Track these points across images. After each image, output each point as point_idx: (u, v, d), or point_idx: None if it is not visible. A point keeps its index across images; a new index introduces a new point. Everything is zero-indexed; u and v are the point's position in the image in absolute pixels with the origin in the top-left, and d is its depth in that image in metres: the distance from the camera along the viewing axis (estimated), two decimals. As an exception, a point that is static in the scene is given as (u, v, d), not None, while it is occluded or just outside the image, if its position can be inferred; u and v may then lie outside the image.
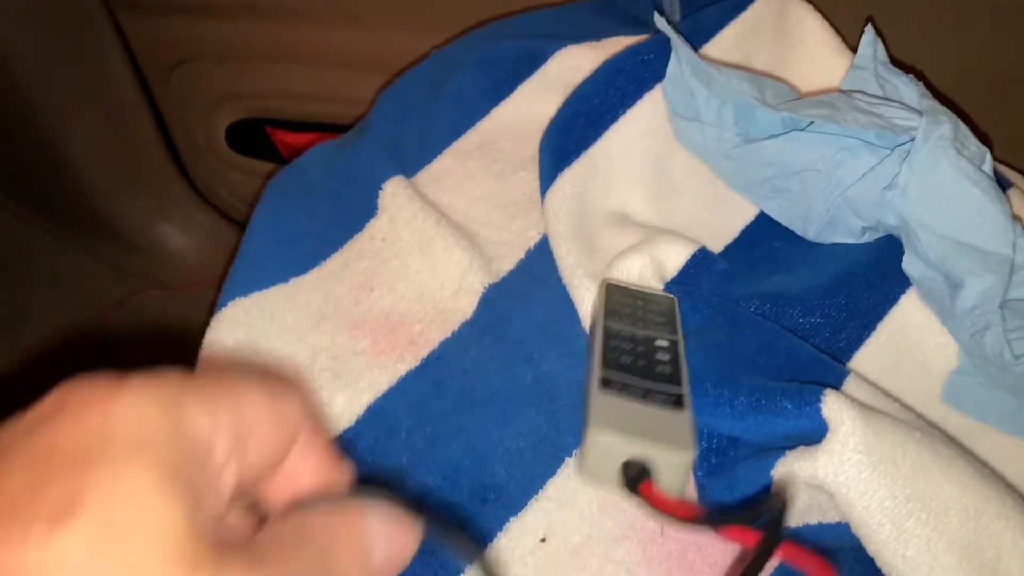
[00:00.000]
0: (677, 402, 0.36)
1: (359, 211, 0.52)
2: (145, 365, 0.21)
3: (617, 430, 0.33)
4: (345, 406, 0.43)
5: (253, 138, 0.95)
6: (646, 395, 0.36)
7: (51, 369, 0.97)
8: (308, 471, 0.24)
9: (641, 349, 0.40)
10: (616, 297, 0.44)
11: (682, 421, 0.35)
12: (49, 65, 0.91)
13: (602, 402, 0.35)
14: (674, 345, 0.41)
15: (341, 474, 0.26)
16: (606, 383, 0.37)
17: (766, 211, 0.51)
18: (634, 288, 0.45)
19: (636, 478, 0.33)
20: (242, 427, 0.21)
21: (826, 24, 0.56)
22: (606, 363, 0.38)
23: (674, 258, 0.46)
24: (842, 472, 0.34)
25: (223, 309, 0.46)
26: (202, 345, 0.45)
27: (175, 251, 1.08)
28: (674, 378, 0.38)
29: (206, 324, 0.47)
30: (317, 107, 0.89)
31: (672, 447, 0.33)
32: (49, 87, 0.93)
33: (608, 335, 0.40)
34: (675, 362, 0.39)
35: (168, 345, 0.95)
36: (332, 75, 0.86)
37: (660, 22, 0.50)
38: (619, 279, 0.46)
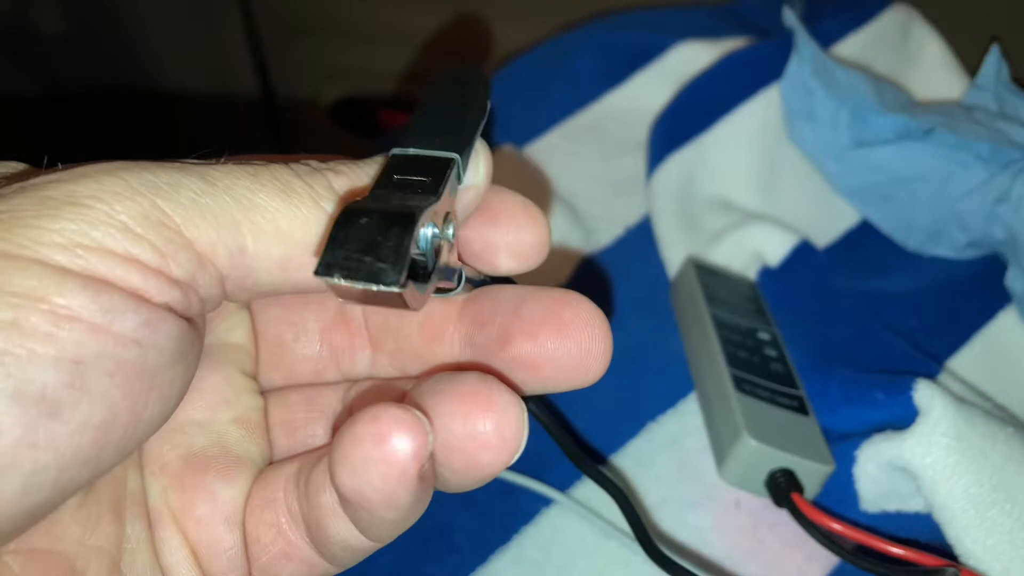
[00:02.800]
0: (801, 407, 0.39)
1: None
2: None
3: (768, 440, 0.36)
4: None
5: (358, 116, 0.97)
6: (773, 398, 0.39)
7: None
8: None
9: (750, 343, 0.42)
10: (708, 279, 0.45)
11: (814, 430, 0.38)
12: (170, 26, 0.95)
13: (746, 407, 0.38)
14: (775, 339, 0.43)
15: None
16: (740, 385, 0.39)
17: (869, 218, 0.51)
18: (719, 269, 0.46)
19: (787, 487, 0.35)
20: None
21: (946, 46, 0.56)
22: (730, 361, 0.40)
23: (777, 247, 0.46)
24: (929, 454, 0.34)
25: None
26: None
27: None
28: (788, 379, 0.40)
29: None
30: (422, 89, 0.91)
31: (816, 459, 0.36)
32: (166, 48, 0.96)
33: (718, 325, 0.42)
34: (783, 360, 0.41)
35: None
36: (439, 58, 0.88)
37: (788, 16, 0.51)
38: (706, 259, 0.47)
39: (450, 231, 0.21)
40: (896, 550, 0.33)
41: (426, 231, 0.20)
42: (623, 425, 0.42)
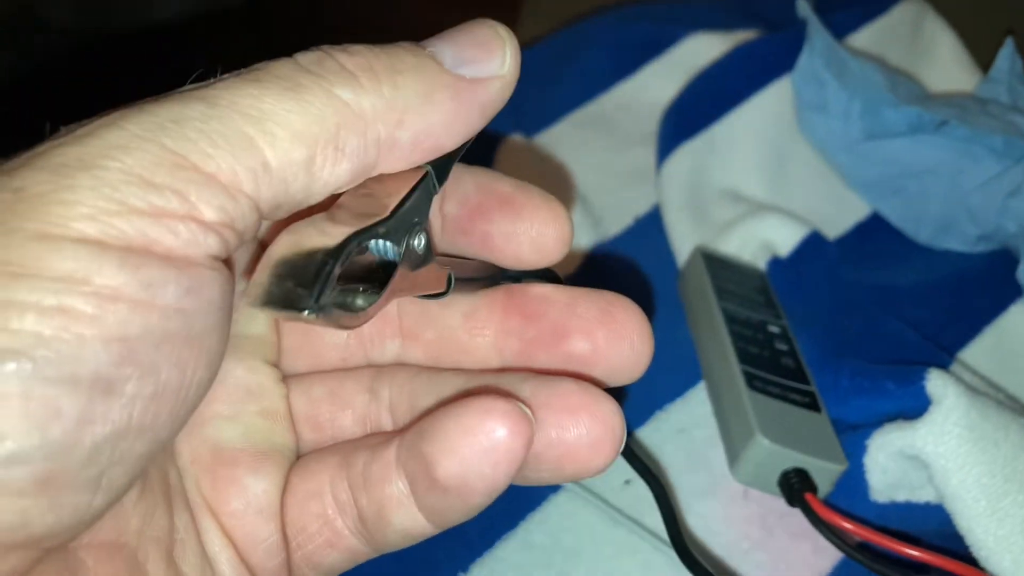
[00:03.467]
0: (813, 404, 0.38)
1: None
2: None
3: (781, 440, 0.36)
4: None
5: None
6: (785, 395, 0.38)
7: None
8: None
9: (760, 337, 0.42)
10: (717, 270, 0.45)
11: (826, 427, 0.38)
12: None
13: (759, 406, 0.37)
14: (785, 332, 0.42)
15: None
16: (751, 382, 0.39)
17: (880, 210, 0.51)
18: (728, 259, 0.46)
19: (800, 487, 0.35)
20: None
21: (959, 41, 0.56)
22: (741, 357, 0.40)
23: (788, 237, 0.46)
24: (942, 443, 0.34)
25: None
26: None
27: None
28: (800, 374, 0.40)
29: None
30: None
31: (828, 459, 0.36)
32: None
33: (728, 319, 0.42)
34: (794, 355, 0.41)
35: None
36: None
37: (802, 6, 0.51)
38: (714, 248, 0.47)
39: (418, 242, 0.21)
40: (912, 552, 0.33)
41: (379, 245, 0.20)
42: (631, 414, 0.42)
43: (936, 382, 0.35)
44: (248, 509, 0.23)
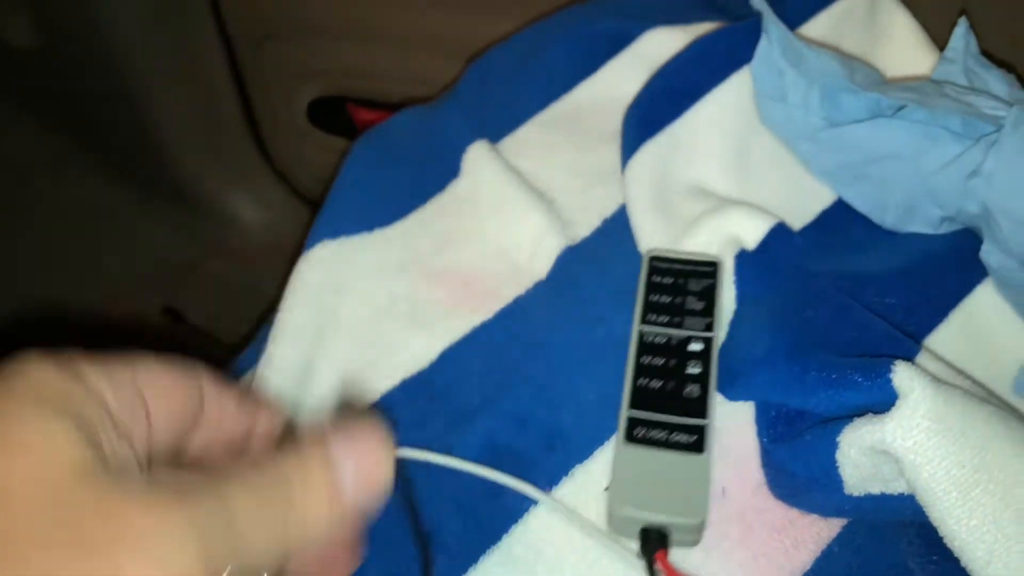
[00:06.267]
0: (697, 444, 0.39)
1: (442, 172, 0.54)
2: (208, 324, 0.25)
3: (635, 503, 0.37)
4: (421, 349, 0.45)
5: (334, 115, 0.97)
6: (667, 439, 0.39)
7: (121, 325, 1.00)
8: (229, 419, 0.27)
9: (672, 364, 0.42)
10: (659, 278, 0.45)
11: (701, 471, 0.38)
12: (142, 32, 0.95)
13: (626, 462, 0.38)
14: (707, 349, 0.42)
15: (268, 417, 0.29)
16: (631, 432, 0.39)
17: (845, 197, 0.51)
18: (681, 259, 0.46)
19: (653, 545, 0.36)
20: (140, 385, 0.24)
21: (915, 21, 0.56)
22: (635, 399, 0.40)
23: (753, 230, 0.46)
24: (910, 437, 0.34)
25: (311, 249, 0.48)
26: (289, 282, 0.47)
27: (247, 222, 1.11)
28: (698, 406, 0.40)
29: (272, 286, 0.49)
30: (398, 87, 0.91)
31: (685, 513, 0.37)
32: (140, 53, 0.96)
33: (641, 349, 0.42)
34: (704, 378, 0.41)
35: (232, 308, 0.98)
36: (416, 56, 0.87)
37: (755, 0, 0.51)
38: (663, 249, 0.47)
39: None
40: None
41: None
42: (606, 418, 0.42)
43: (902, 375, 0.36)
44: None
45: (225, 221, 1.11)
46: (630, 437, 0.39)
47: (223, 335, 1.03)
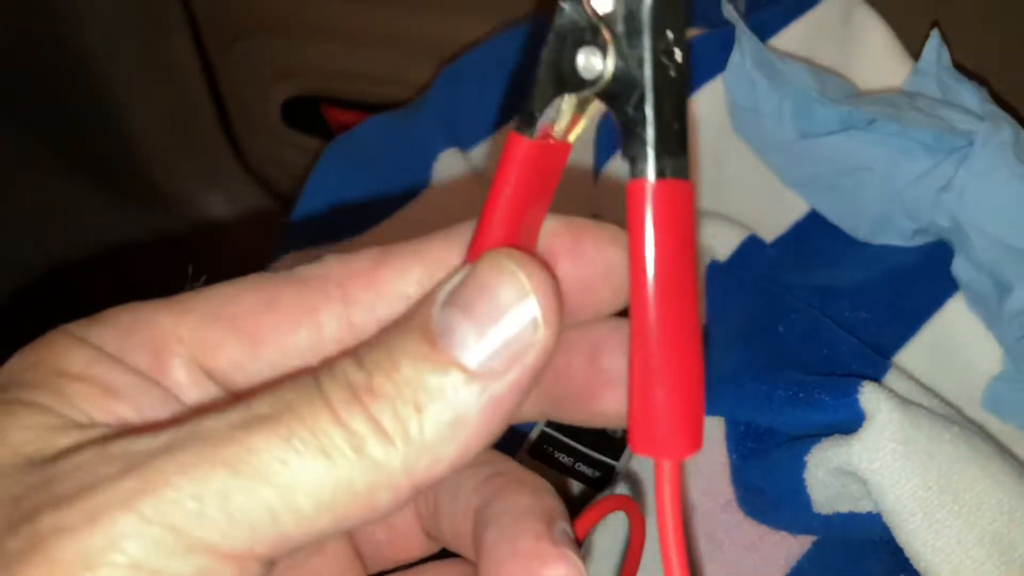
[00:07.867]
0: (600, 481, 0.38)
1: (413, 180, 0.53)
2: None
3: None
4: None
5: (307, 115, 0.96)
6: (572, 467, 0.38)
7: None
8: None
9: None
10: None
11: None
12: (113, 30, 0.93)
13: None
14: None
15: None
16: (539, 447, 0.39)
17: (817, 208, 0.51)
18: None
19: None
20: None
21: (889, 30, 0.56)
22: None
23: (725, 242, 0.46)
24: (876, 459, 0.34)
25: (280, 261, 0.47)
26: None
27: (220, 223, 1.10)
28: (614, 444, 0.39)
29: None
30: (373, 88, 0.90)
31: None
32: (111, 53, 0.95)
33: None
34: None
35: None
36: (391, 57, 0.87)
37: (728, 10, 0.50)
38: None
39: None
40: None
41: None
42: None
43: (869, 396, 0.36)
44: None
45: (199, 221, 1.10)
46: (536, 451, 0.38)
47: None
